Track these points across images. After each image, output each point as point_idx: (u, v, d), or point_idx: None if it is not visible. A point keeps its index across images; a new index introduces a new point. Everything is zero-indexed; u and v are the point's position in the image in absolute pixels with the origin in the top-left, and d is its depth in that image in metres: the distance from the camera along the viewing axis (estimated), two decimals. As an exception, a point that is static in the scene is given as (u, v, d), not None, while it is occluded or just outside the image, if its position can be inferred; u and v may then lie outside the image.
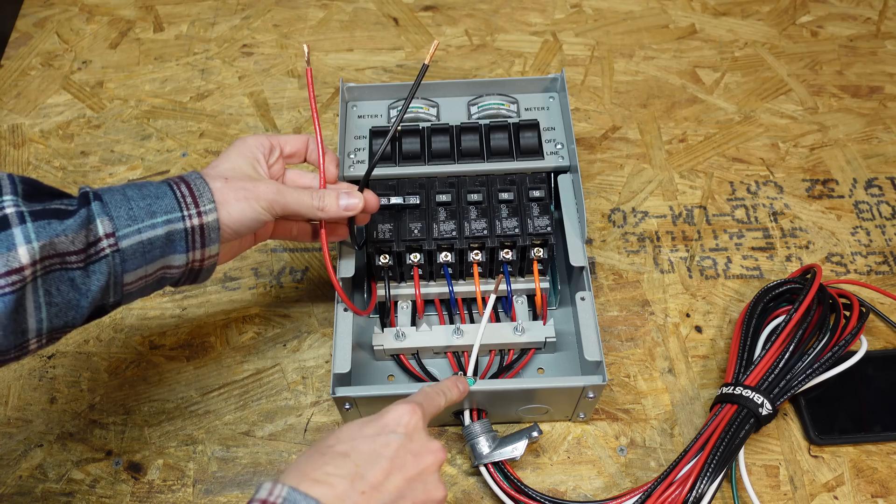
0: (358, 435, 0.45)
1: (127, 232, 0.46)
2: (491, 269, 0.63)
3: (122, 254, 0.46)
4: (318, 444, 0.45)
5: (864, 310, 0.63)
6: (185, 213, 0.48)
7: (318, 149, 0.56)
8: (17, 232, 0.43)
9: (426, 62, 0.53)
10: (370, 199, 0.56)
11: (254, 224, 0.51)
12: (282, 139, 0.56)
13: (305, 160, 0.58)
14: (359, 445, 0.44)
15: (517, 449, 0.58)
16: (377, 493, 0.43)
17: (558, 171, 0.66)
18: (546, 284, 0.64)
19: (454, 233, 0.61)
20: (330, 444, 0.44)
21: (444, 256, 0.62)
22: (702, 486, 0.55)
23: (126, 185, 0.49)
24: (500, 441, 0.58)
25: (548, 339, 0.62)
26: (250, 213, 0.51)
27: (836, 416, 0.62)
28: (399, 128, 0.66)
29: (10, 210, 0.43)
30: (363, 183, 0.56)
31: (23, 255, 0.42)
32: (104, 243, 0.46)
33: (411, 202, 0.63)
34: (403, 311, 0.65)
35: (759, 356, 0.61)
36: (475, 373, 0.60)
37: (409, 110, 0.69)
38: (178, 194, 0.49)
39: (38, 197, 0.46)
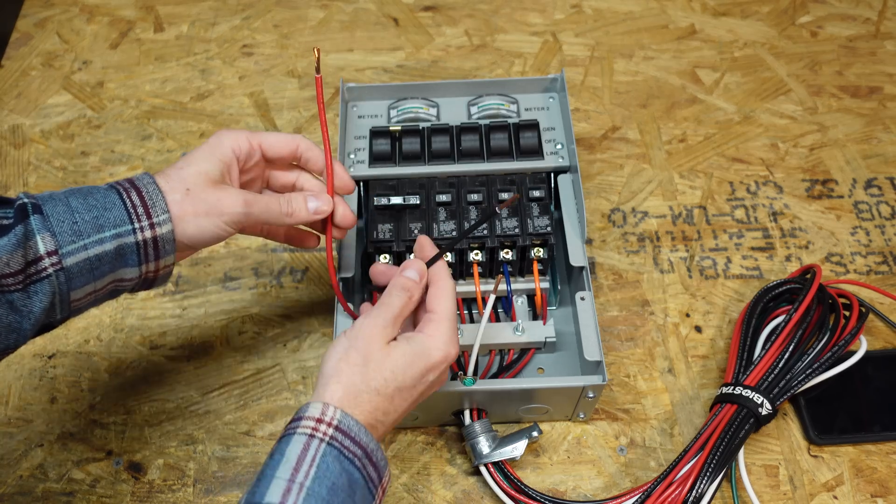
0: (406, 379, 0.46)
1: (71, 249, 0.42)
2: (491, 269, 0.63)
3: (66, 272, 0.42)
4: (365, 367, 0.46)
5: (863, 310, 0.63)
6: (136, 224, 0.44)
7: (325, 158, 0.53)
8: None
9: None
10: (343, 210, 0.53)
11: (213, 240, 0.48)
12: (264, 140, 0.52)
13: (295, 166, 0.55)
14: (403, 393, 0.46)
15: (517, 449, 0.58)
16: (398, 416, 0.47)
17: (558, 171, 0.66)
18: (546, 284, 0.64)
19: (454, 233, 0.61)
20: (373, 369, 0.45)
21: (444, 256, 0.62)
22: (702, 486, 0.55)
23: (69, 191, 0.45)
24: (500, 441, 0.58)
25: (548, 339, 0.62)
26: (210, 229, 0.47)
27: (836, 416, 0.62)
28: (399, 128, 0.66)
29: None
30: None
31: None
32: (46, 262, 0.42)
33: (411, 202, 0.63)
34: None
35: (758, 356, 0.61)
36: (475, 373, 0.61)
37: (409, 110, 0.70)
38: (129, 204, 0.44)
39: None
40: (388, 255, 0.61)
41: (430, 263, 0.52)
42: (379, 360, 0.46)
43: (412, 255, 0.55)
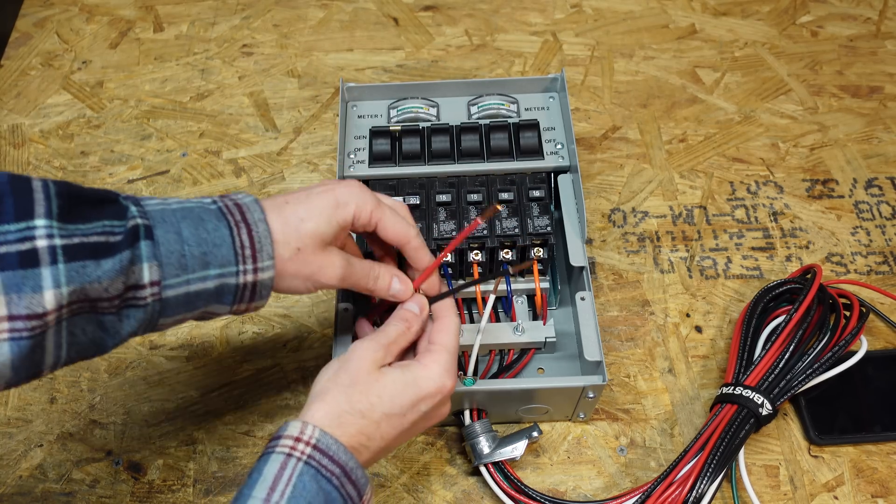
0: (394, 407, 0.46)
1: (174, 282, 0.42)
2: (491, 269, 0.63)
3: (163, 302, 0.42)
4: (352, 389, 0.45)
5: (864, 310, 0.63)
6: (241, 267, 0.44)
7: (431, 265, 0.53)
8: (45, 273, 0.37)
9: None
10: (421, 302, 0.53)
11: (296, 293, 0.49)
12: (382, 220, 0.50)
13: (396, 254, 0.54)
14: (392, 420, 0.46)
15: (517, 449, 0.58)
16: (387, 445, 0.47)
17: (558, 171, 0.66)
18: (546, 284, 0.64)
19: (454, 233, 0.61)
20: (361, 392, 0.45)
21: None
22: (702, 486, 0.55)
23: (182, 212, 0.43)
24: (500, 441, 0.58)
25: (548, 339, 0.62)
26: (301, 289, 0.48)
27: (836, 416, 0.62)
28: (399, 128, 0.66)
29: (41, 243, 0.38)
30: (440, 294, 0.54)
31: (48, 300, 0.37)
32: (146, 291, 0.41)
33: (411, 202, 0.63)
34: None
35: (759, 356, 0.61)
36: (475, 373, 0.60)
37: (409, 110, 0.70)
38: (237, 243, 0.43)
39: (77, 212, 0.40)
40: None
41: (435, 300, 0.53)
42: (367, 383, 0.46)
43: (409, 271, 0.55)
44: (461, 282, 0.54)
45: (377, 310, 0.59)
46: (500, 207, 0.54)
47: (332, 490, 0.42)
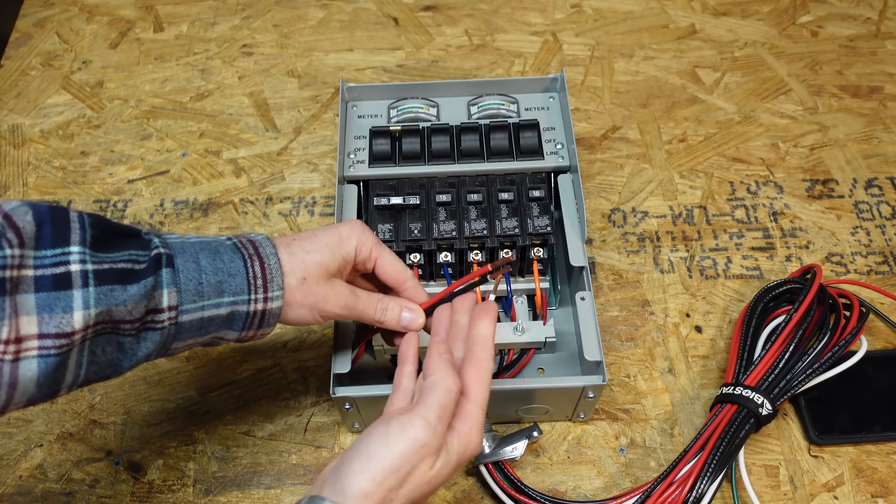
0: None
1: (190, 308, 0.44)
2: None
3: (178, 326, 0.44)
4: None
5: (864, 310, 0.63)
6: (252, 296, 0.46)
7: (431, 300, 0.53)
8: (77, 295, 0.40)
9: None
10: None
11: (304, 325, 0.50)
12: (381, 258, 0.52)
13: (396, 292, 0.55)
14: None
15: (517, 449, 0.58)
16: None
17: (558, 171, 0.66)
18: (546, 284, 0.64)
19: (454, 233, 0.61)
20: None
21: (444, 256, 0.62)
22: (702, 486, 0.55)
23: (199, 244, 0.46)
24: (500, 441, 0.58)
25: (548, 339, 0.62)
26: (308, 318, 0.49)
27: (836, 416, 0.62)
28: (399, 128, 0.66)
29: (75, 267, 0.40)
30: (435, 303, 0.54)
31: (77, 320, 0.40)
32: (164, 315, 0.44)
33: (411, 202, 0.63)
34: (403, 311, 0.65)
35: (759, 356, 0.61)
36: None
37: (409, 110, 0.70)
38: (251, 274, 0.46)
39: (107, 243, 0.43)
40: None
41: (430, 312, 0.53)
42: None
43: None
44: (461, 285, 0.54)
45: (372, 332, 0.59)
46: (511, 258, 0.56)
47: None
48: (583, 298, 0.60)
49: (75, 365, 0.42)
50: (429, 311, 0.54)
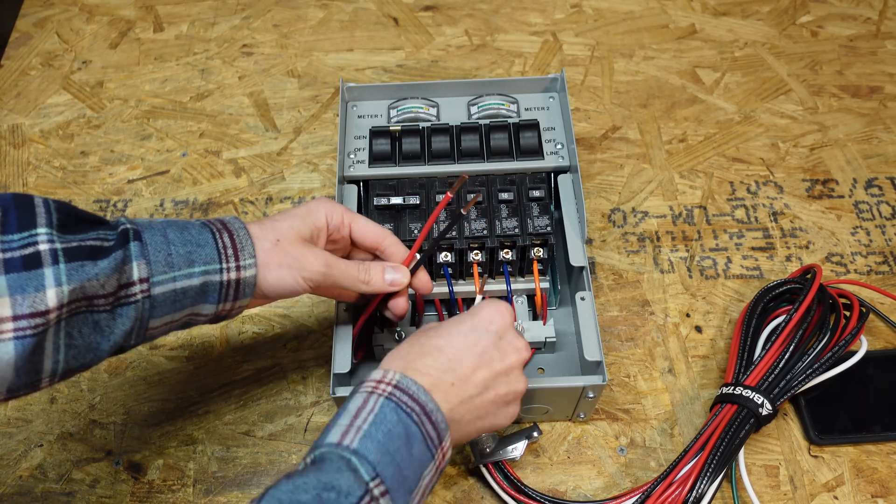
0: (454, 331, 0.49)
1: (162, 279, 0.44)
2: (491, 269, 0.63)
3: (152, 300, 0.44)
4: (418, 335, 0.49)
5: (864, 310, 0.63)
6: (224, 265, 0.47)
7: (410, 253, 0.55)
8: (48, 273, 0.40)
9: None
10: (421, 280, 0.56)
11: (289, 293, 0.50)
12: (355, 222, 0.54)
13: (375, 257, 0.56)
14: (454, 341, 0.48)
15: (517, 449, 0.58)
16: (465, 385, 0.47)
17: (558, 171, 0.66)
18: (546, 284, 0.64)
19: (454, 233, 0.61)
20: (430, 337, 0.48)
21: (444, 256, 0.62)
22: (702, 486, 0.55)
23: (167, 222, 0.47)
24: (500, 441, 0.58)
25: (548, 339, 0.62)
26: (289, 281, 0.49)
27: (836, 416, 0.62)
28: (399, 128, 0.66)
29: (43, 247, 0.41)
30: (420, 261, 0.55)
31: (51, 298, 0.40)
32: (136, 288, 0.44)
33: (411, 202, 0.63)
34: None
35: (759, 356, 0.61)
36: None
37: (409, 110, 0.70)
38: (220, 244, 0.47)
39: (74, 227, 0.43)
40: None
41: (413, 270, 0.55)
42: (432, 328, 0.50)
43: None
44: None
45: (369, 309, 0.58)
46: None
47: (412, 424, 0.44)
48: (583, 298, 0.60)
49: (53, 349, 0.41)
50: (413, 268, 0.55)
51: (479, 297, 0.56)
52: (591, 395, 0.58)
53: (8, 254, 0.40)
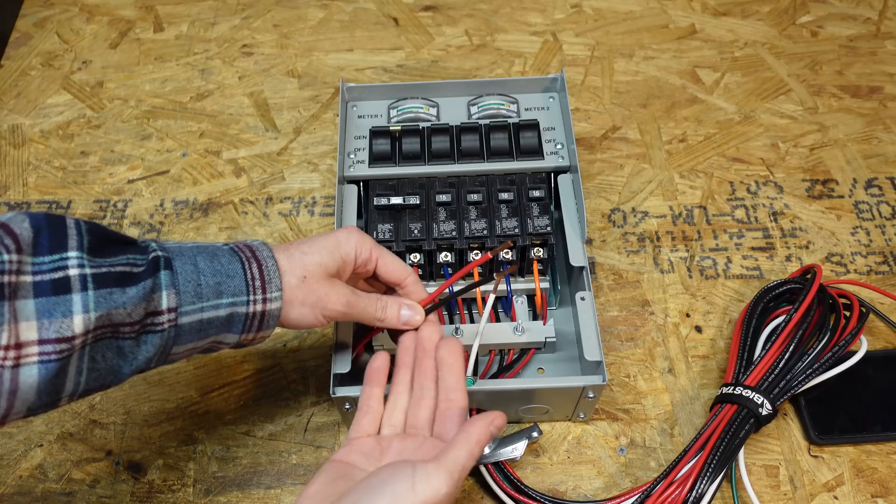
0: None
1: (189, 309, 0.44)
2: (491, 269, 0.63)
3: (178, 329, 0.44)
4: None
5: (864, 310, 0.63)
6: (251, 297, 0.47)
7: (430, 296, 0.54)
8: (76, 299, 0.40)
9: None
10: (432, 323, 0.54)
11: (308, 326, 0.50)
12: (381, 258, 0.54)
13: (396, 292, 0.56)
14: None
15: (517, 449, 0.58)
16: None
17: (558, 171, 0.66)
18: (546, 284, 0.64)
19: (454, 233, 0.61)
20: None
21: (444, 256, 0.62)
22: (702, 486, 0.55)
23: (197, 248, 0.46)
24: (500, 441, 0.58)
25: (548, 339, 0.62)
26: (310, 318, 0.50)
27: (836, 416, 0.62)
28: (399, 128, 0.66)
29: (73, 272, 0.40)
30: (436, 306, 0.55)
31: (77, 324, 0.40)
32: (164, 318, 0.44)
33: (411, 202, 0.63)
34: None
35: (759, 356, 0.61)
36: (475, 373, 0.60)
37: (409, 110, 0.70)
38: (249, 275, 0.47)
39: (104, 249, 0.43)
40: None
41: (429, 311, 0.54)
42: None
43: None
44: (458, 286, 0.54)
45: (375, 331, 0.59)
46: (511, 244, 0.57)
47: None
48: (583, 298, 0.60)
49: (76, 371, 0.41)
50: (428, 310, 0.54)
51: (492, 297, 0.56)
52: (591, 395, 0.58)
53: (38, 276, 0.39)
